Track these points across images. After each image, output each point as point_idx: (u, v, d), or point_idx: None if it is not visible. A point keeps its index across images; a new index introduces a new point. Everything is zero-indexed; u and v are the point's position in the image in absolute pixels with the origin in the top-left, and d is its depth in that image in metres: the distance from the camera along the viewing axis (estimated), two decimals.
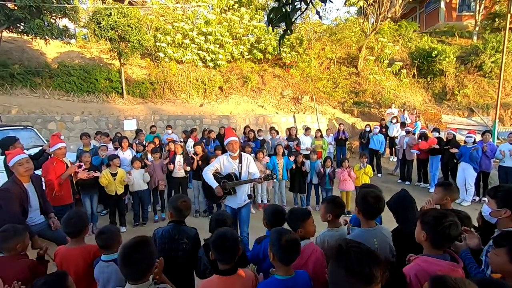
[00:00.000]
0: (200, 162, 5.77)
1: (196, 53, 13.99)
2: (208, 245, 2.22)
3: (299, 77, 15.00)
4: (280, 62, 15.43)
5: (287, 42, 15.02)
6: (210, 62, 14.16)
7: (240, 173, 3.82)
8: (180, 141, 7.33)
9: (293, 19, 2.28)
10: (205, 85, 13.73)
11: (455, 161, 6.52)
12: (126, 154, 5.79)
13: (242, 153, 3.97)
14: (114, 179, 4.99)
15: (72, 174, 4.27)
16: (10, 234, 2.15)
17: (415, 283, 1.52)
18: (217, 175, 3.86)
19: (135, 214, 5.49)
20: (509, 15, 9.57)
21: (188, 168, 5.85)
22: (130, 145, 6.28)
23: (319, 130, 8.47)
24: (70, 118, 10.02)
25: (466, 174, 6.35)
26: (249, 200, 3.98)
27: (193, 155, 5.95)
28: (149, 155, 5.88)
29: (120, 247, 1.62)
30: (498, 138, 10.43)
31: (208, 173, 3.75)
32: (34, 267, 2.20)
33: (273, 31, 14.63)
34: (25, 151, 3.79)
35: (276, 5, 2.23)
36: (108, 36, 10.71)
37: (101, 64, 12.90)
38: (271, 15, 2.25)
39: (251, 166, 3.90)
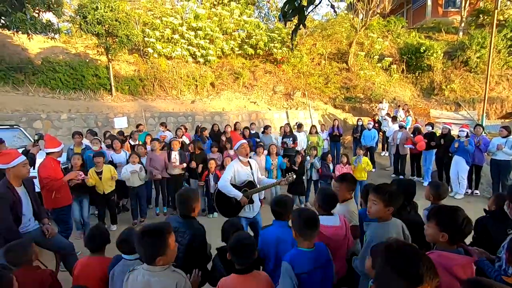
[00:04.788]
0: (195, 164, 5.76)
1: (186, 48, 13.70)
2: (223, 251, 2.33)
3: (290, 73, 14.96)
4: (271, 57, 15.33)
5: (277, 38, 14.93)
6: (201, 58, 13.91)
7: (254, 179, 3.64)
8: (175, 138, 7.17)
9: (307, 13, 2.22)
10: (196, 81, 13.50)
11: (450, 154, 6.65)
12: (121, 157, 5.62)
13: (249, 159, 3.76)
14: (100, 178, 4.77)
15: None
16: (19, 251, 2.24)
17: None
18: (235, 185, 3.52)
19: (133, 210, 5.40)
20: (496, 11, 9.81)
21: (184, 165, 5.77)
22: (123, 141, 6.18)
23: (314, 126, 8.44)
24: (57, 116, 9.62)
25: (459, 167, 6.49)
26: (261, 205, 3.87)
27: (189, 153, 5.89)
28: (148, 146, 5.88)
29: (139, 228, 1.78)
30: (485, 132, 10.74)
31: (227, 184, 3.40)
32: (53, 275, 2.36)
33: (285, 25, 14.42)
34: None
35: None
36: (95, 31, 10.31)
37: (87, 60, 12.45)
38: (285, 8, 2.18)
39: (259, 172, 3.77)
